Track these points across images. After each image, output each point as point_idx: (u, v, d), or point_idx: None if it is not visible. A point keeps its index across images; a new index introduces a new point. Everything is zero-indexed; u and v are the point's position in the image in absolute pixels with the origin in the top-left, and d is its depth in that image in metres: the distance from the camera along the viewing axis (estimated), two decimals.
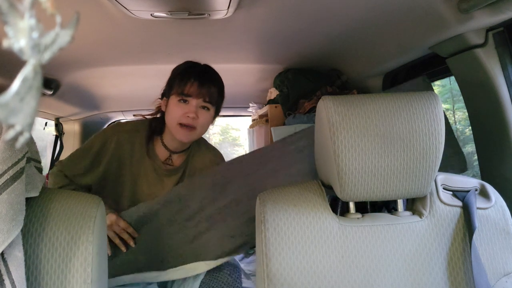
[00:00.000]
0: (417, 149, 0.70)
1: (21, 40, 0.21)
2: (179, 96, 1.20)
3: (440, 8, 0.91)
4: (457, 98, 3.00)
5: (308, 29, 1.19)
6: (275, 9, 1.02)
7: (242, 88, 2.12)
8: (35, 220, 0.65)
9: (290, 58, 1.59)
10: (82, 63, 1.51)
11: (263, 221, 0.74)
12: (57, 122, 2.37)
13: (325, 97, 0.73)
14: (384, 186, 0.72)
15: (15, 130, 0.21)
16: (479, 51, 0.96)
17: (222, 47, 1.40)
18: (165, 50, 1.40)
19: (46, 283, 0.62)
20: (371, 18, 1.07)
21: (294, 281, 0.70)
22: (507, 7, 0.83)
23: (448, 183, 0.80)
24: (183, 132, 1.21)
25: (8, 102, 0.21)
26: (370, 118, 0.70)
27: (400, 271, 0.73)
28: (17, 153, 0.59)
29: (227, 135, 9.56)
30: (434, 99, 0.72)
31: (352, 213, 0.77)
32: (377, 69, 1.48)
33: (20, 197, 0.58)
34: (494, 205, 0.78)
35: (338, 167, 0.70)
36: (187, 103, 1.21)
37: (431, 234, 0.75)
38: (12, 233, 0.56)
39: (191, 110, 1.20)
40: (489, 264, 0.74)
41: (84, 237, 0.65)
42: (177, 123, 1.21)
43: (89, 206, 0.68)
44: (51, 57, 0.23)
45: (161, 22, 1.08)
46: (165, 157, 1.33)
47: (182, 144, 1.31)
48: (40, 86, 0.22)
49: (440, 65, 1.23)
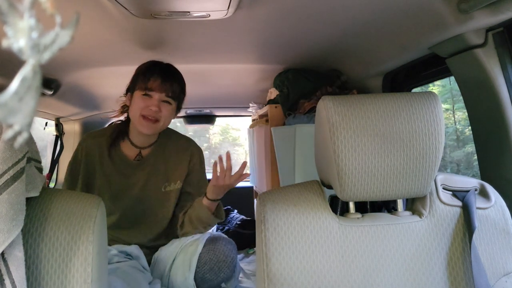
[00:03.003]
0: (417, 149, 0.70)
1: (21, 40, 0.21)
2: (143, 91, 1.29)
3: (440, 8, 0.91)
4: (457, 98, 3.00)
5: (308, 29, 1.19)
6: (275, 9, 1.02)
7: (242, 88, 2.12)
8: (35, 220, 0.65)
9: (290, 58, 1.59)
10: (82, 63, 1.51)
11: (263, 221, 0.74)
12: (57, 122, 2.37)
13: (325, 97, 0.73)
14: (384, 186, 0.72)
15: (14, 130, 0.21)
16: (479, 51, 0.96)
17: (222, 47, 1.40)
18: (165, 50, 1.40)
19: (46, 283, 0.62)
20: (371, 18, 1.07)
21: (294, 281, 0.70)
22: (507, 7, 0.83)
23: (448, 183, 0.80)
24: (146, 124, 1.30)
25: (7, 102, 0.21)
26: (370, 118, 0.70)
27: (400, 271, 0.73)
28: (17, 153, 0.59)
29: (227, 135, 9.55)
30: (434, 99, 0.72)
31: (352, 213, 0.77)
32: (377, 69, 1.48)
33: (21, 197, 0.58)
34: (494, 205, 0.78)
35: (338, 167, 0.70)
36: (150, 97, 1.29)
37: (431, 234, 0.75)
38: (13, 233, 0.56)
39: (153, 103, 1.28)
40: (489, 264, 0.74)
41: (84, 237, 0.65)
42: (139, 114, 1.29)
43: (90, 206, 0.68)
44: (50, 57, 0.23)
45: (161, 22, 1.08)
46: (135, 154, 1.42)
47: (148, 138, 1.40)
48: (39, 86, 0.22)
49: (440, 65, 1.23)
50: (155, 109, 1.29)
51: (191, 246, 1.31)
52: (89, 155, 1.39)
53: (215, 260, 1.27)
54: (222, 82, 1.96)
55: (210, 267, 1.26)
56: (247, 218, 2.49)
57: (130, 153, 1.42)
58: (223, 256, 1.28)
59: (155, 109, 1.29)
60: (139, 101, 1.29)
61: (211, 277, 1.27)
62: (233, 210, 2.65)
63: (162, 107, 1.30)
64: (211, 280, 1.27)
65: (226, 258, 1.28)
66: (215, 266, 1.27)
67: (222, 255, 1.28)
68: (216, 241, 1.32)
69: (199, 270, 1.26)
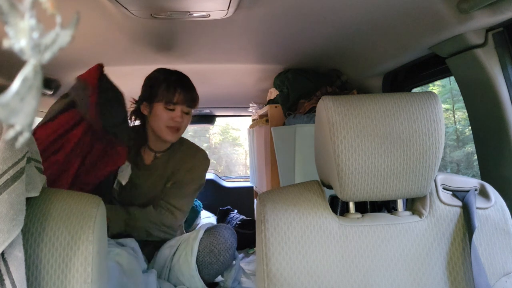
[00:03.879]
0: (417, 149, 0.70)
1: (22, 40, 0.21)
2: (166, 104, 1.40)
3: (440, 8, 0.91)
4: (457, 98, 3.00)
5: (308, 29, 1.19)
6: (275, 9, 1.02)
7: (242, 88, 2.12)
8: (35, 220, 0.65)
9: (290, 58, 1.59)
10: (82, 63, 1.51)
11: (263, 221, 0.74)
12: None
13: (325, 97, 0.73)
14: (384, 186, 0.72)
15: (15, 130, 0.21)
16: (479, 51, 0.96)
17: (222, 47, 1.40)
18: (165, 50, 1.40)
19: (46, 283, 0.62)
20: (371, 18, 1.07)
21: (294, 281, 0.70)
22: (507, 7, 0.83)
23: (448, 183, 0.80)
24: (171, 133, 1.43)
25: (8, 102, 0.21)
26: (370, 118, 0.70)
27: (400, 271, 0.73)
28: (18, 153, 0.59)
29: (227, 135, 9.56)
30: (434, 99, 0.72)
31: (352, 213, 0.77)
32: (377, 69, 1.48)
33: (21, 197, 0.58)
34: (494, 205, 0.78)
35: (338, 167, 0.70)
36: (174, 110, 1.41)
37: (431, 234, 0.75)
38: (13, 233, 0.56)
39: (177, 115, 1.41)
40: (488, 264, 0.74)
41: (84, 236, 0.65)
42: (165, 126, 1.42)
43: (90, 206, 0.68)
44: (51, 57, 0.23)
45: (161, 22, 1.08)
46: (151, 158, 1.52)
47: (165, 143, 1.51)
48: (41, 86, 0.22)
49: (440, 65, 1.23)
50: (180, 120, 1.42)
51: (192, 235, 1.40)
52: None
53: (215, 243, 1.36)
54: (222, 82, 1.96)
55: (210, 250, 1.35)
56: (247, 218, 2.49)
57: (147, 157, 1.53)
58: (223, 239, 1.37)
59: (180, 120, 1.42)
60: (163, 114, 1.41)
61: (211, 260, 1.34)
62: (233, 210, 2.66)
63: (183, 117, 1.44)
64: (211, 263, 1.35)
65: (226, 241, 1.37)
66: (214, 249, 1.35)
67: (221, 238, 1.37)
68: (216, 227, 1.43)
69: (199, 254, 1.34)
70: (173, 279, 1.38)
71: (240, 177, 3.40)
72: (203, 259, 1.34)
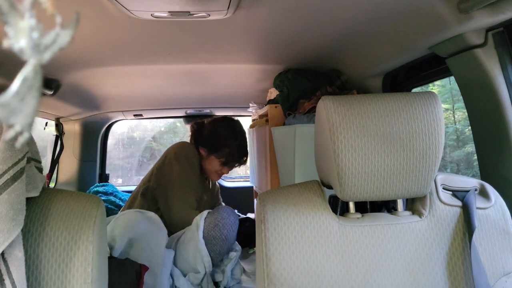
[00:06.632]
0: (417, 149, 0.70)
1: (22, 40, 0.21)
2: (223, 163, 1.85)
3: (439, 8, 0.91)
4: (457, 98, 3.00)
5: (308, 29, 1.19)
6: (275, 9, 1.02)
7: (242, 88, 2.12)
8: (35, 220, 0.65)
9: (290, 58, 1.59)
10: (82, 63, 1.51)
11: (263, 221, 0.74)
12: (58, 122, 2.37)
13: (325, 97, 0.73)
14: (384, 186, 0.72)
15: (15, 130, 0.21)
16: (479, 51, 0.96)
17: (222, 48, 1.40)
18: (165, 50, 1.40)
19: (47, 283, 0.63)
20: (371, 18, 1.07)
21: (294, 281, 0.70)
22: (507, 7, 0.83)
23: (448, 183, 0.80)
24: (217, 177, 1.94)
25: (8, 102, 0.21)
26: (370, 118, 0.70)
27: (400, 271, 0.73)
28: (18, 153, 0.59)
29: None
30: (433, 99, 0.72)
31: (352, 213, 0.77)
32: (377, 69, 1.48)
33: (21, 197, 0.58)
34: (494, 205, 0.78)
35: (338, 167, 0.70)
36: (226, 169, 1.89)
37: (430, 234, 0.75)
38: (13, 233, 0.56)
39: (227, 171, 1.93)
40: (488, 264, 0.74)
41: (85, 236, 0.65)
42: (215, 172, 1.89)
43: (90, 206, 0.68)
44: (51, 57, 0.23)
45: (161, 22, 1.08)
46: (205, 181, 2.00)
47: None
48: (40, 86, 0.22)
49: (440, 65, 1.23)
50: (227, 173, 1.95)
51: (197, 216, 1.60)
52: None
53: (219, 218, 1.54)
54: (222, 82, 1.96)
55: (214, 224, 1.52)
56: (242, 216, 2.50)
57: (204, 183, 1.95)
58: (226, 214, 1.57)
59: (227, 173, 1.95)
60: (217, 166, 1.86)
61: (215, 234, 1.50)
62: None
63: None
64: (215, 238, 1.50)
65: (229, 217, 1.56)
66: (219, 223, 1.52)
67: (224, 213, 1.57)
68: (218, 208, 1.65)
69: (205, 228, 1.51)
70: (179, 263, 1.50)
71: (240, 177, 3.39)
72: (208, 234, 1.49)
